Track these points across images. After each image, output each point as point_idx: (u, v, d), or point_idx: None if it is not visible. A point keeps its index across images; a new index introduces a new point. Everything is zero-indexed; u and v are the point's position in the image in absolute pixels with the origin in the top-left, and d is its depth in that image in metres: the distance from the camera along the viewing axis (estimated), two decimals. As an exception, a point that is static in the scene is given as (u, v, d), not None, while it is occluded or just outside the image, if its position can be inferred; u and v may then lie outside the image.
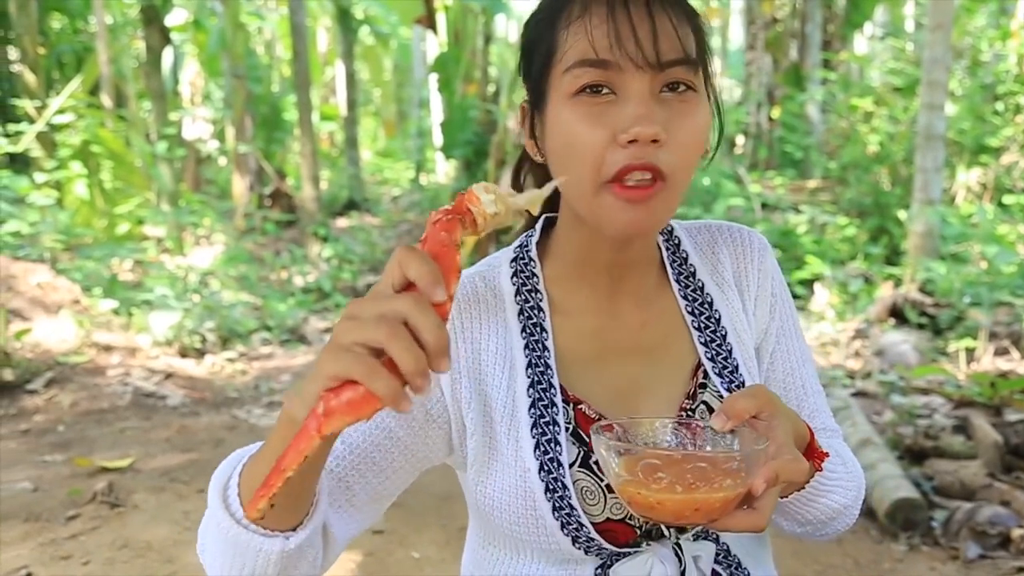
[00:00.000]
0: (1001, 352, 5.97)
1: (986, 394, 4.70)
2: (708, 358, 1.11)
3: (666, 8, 0.96)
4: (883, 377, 5.60)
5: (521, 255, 1.15)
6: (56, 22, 13.95)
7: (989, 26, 10.62)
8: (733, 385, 1.10)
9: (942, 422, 4.54)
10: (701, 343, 1.12)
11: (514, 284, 1.12)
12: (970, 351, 5.98)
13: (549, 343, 1.08)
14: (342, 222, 13.24)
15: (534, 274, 1.13)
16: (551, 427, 1.03)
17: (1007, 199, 8.77)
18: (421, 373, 0.68)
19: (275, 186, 12.89)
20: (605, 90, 0.96)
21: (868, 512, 3.58)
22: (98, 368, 5.84)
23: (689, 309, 1.14)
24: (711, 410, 1.08)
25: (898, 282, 7.64)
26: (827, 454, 1.01)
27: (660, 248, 1.17)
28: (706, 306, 1.14)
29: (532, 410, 1.04)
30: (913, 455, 4.12)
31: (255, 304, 8.33)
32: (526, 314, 1.10)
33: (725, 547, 1.08)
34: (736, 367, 1.12)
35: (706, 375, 1.11)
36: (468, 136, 10.70)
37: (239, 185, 12.32)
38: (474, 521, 1.18)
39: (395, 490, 1.08)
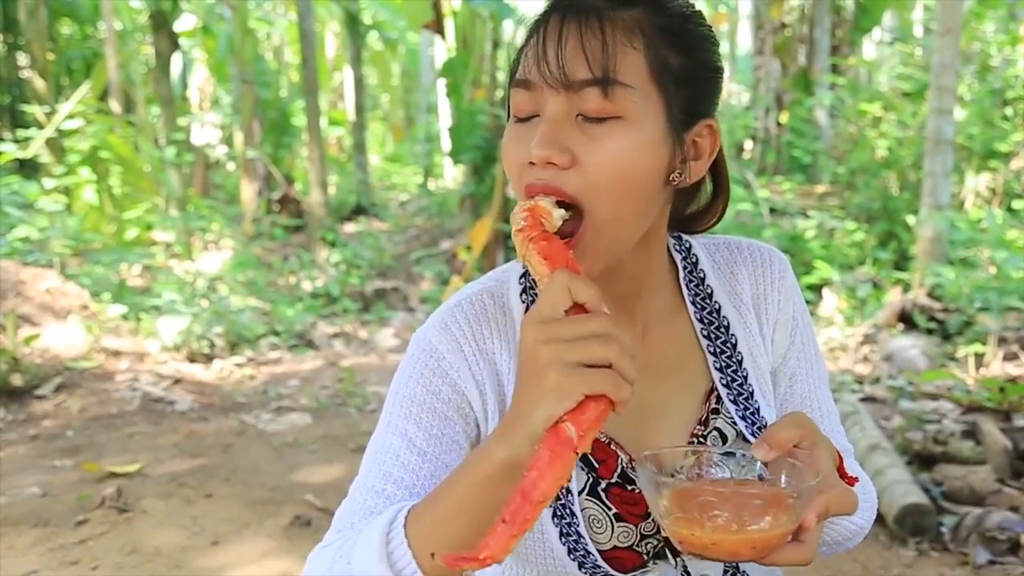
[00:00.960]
0: (1010, 357, 5.95)
1: (995, 399, 4.68)
2: (723, 384, 1.09)
3: (590, 23, 0.92)
4: (892, 382, 5.58)
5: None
6: (65, 28, 14.04)
7: (998, 31, 10.58)
8: (747, 412, 1.08)
9: (951, 427, 4.53)
10: (716, 368, 1.10)
11: (523, 302, 1.09)
12: (979, 356, 5.96)
13: None
14: (350, 227, 13.25)
15: None
16: None
17: (1016, 204, 8.74)
18: (634, 382, 0.76)
19: (283, 191, 12.91)
20: (533, 115, 0.95)
21: (877, 517, 3.56)
22: (107, 373, 5.85)
23: (704, 332, 1.11)
24: (723, 437, 1.07)
25: (907, 287, 7.62)
26: (856, 479, 0.99)
27: (677, 266, 1.14)
28: (722, 330, 1.12)
29: None
30: (922, 460, 4.10)
31: (263, 309, 8.34)
32: None
33: (734, 563, 1.06)
34: (751, 393, 1.10)
35: (719, 400, 1.09)
36: (476, 141, 10.68)
37: (247, 190, 12.36)
38: None
39: None
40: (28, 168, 10.20)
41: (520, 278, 1.11)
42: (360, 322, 8.94)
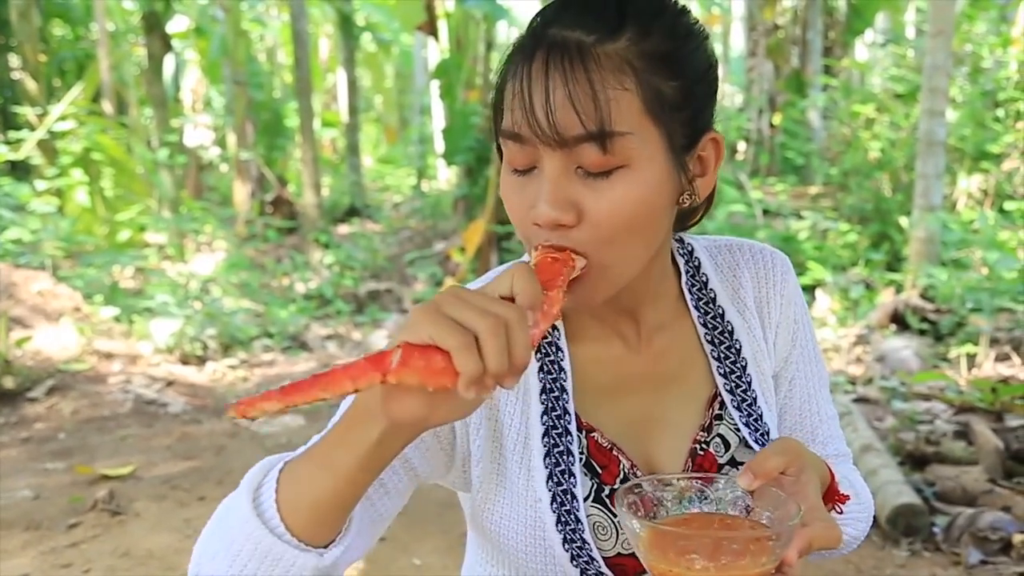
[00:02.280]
0: (1002, 358, 5.96)
1: (987, 400, 4.69)
2: (727, 390, 1.08)
3: (575, 70, 0.86)
4: (884, 383, 5.59)
5: None
6: (58, 29, 13.99)
7: (990, 33, 10.62)
8: (751, 419, 1.07)
9: (943, 428, 4.54)
10: (720, 373, 1.09)
11: None
12: (971, 357, 5.97)
13: (565, 364, 1.05)
14: (343, 229, 13.24)
15: None
16: (565, 457, 1.01)
17: (1008, 205, 8.76)
18: (498, 376, 0.70)
19: (276, 193, 12.89)
20: (531, 167, 0.91)
21: (870, 519, 3.58)
22: (99, 376, 5.84)
23: (708, 337, 1.10)
24: (726, 444, 1.06)
25: (899, 288, 7.63)
26: (848, 497, 0.98)
27: (680, 270, 1.12)
28: (726, 335, 1.10)
29: (545, 438, 1.02)
30: (914, 461, 4.12)
31: (256, 311, 8.33)
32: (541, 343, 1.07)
33: None
34: (755, 399, 1.09)
35: (722, 406, 1.08)
36: (470, 143, 10.69)
37: (240, 192, 12.33)
38: (475, 538, 1.15)
39: (395, 512, 1.03)
40: (20, 170, 10.16)
41: None
42: (354, 324, 8.93)
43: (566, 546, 0.98)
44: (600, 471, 1.02)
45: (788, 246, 8.79)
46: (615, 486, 1.01)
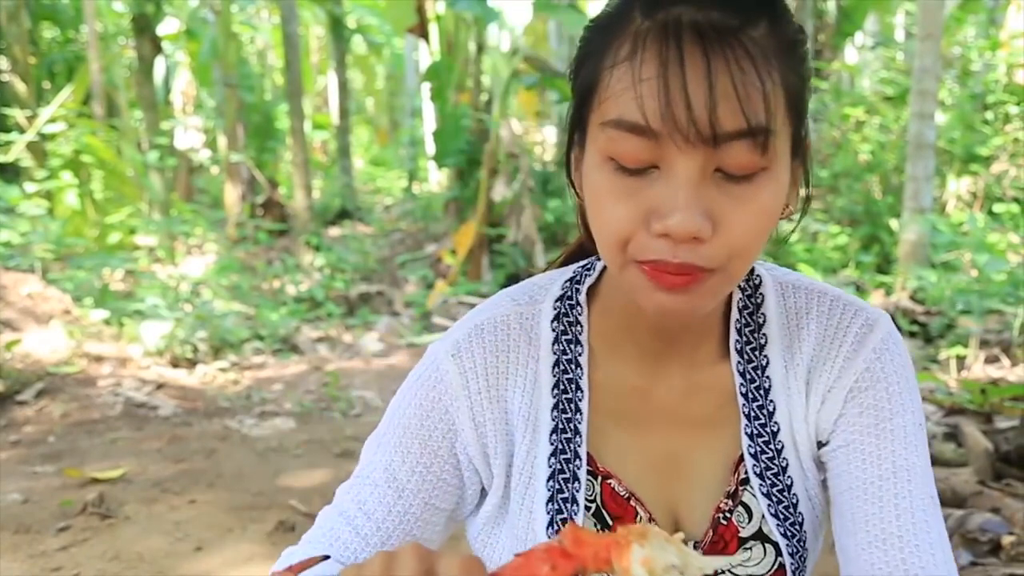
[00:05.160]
0: (992, 360, 5.98)
1: (977, 401, 4.71)
2: (751, 453, 0.95)
3: (737, 56, 0.75)
4: (875, 385, 5.60)
5: (570, 294, 1.01)
6: (47, 31, 13.94)
7: (979, 36, 10.67)
8: (774, 489, 0.95)
9: (933, 429, 4.55)
10: (747, 434, 0.96)
11: (554, 330, 0.98)
12: (961, 359, 5.99)
13: (583, 404, 0.96)
14: (334, 231, 13.23)
15: (579, 322, 0.99)
16: (569, 505, 0.94)
17: (997, 207, 8.80)
18: None
19: (267, 195, 12.88)
20: (647, 167, 0.78)
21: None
22: (89, 378, 5.82)
23: (743, 390, 0.96)
24: (749, 514, 0.95)
25: (889, 290, 7.66)
26: None
27: (733, 306, 0.98)
28: (762, 392, 0.96)
29: (551, 482, 0.95)
30: (905, 463, 4.12)
31: (247, 313, 8.31)
32: (562, 367, 0.97)
33: None
34: (784, 468, 0.96)
35: (747, 471, 0.96)
36: (461, 145, 10.70)
37: (231, 194, 12.31)
38: None
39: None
40: (9, 172, 10.12)
41: (556, 301, 1.00)
42: (345, 326, 8.92)
43: None
44: (611, 522, 0.95)
45: (778, 248, 8.82)
46: None
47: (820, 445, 0.97)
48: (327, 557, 0.87)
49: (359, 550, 0.97)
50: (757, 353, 0.97)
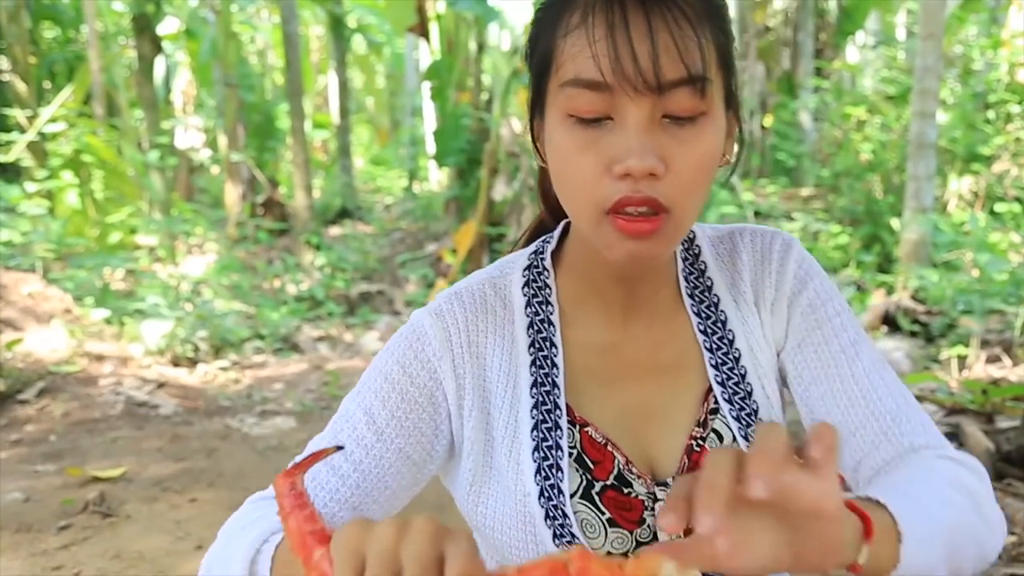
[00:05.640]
0: (993, 359, 5.97)
1: (978, 401, 4.70)
2: (718, 382, 1.04)
3: (675, 15, 0.87)
4: (876, 384, 5.59)
5: (535, 263, 1.10)
6: (48, 31, 13.94)
7: (980, 35, 10.67)
8: (743, 413, 1.03)
9: (935, 429, 4.54)
10: (712, 365, 1.05)
11: (525, 295, 1.08)
12: (962, 358, 5.99)
13: (558, 359, 1.04)
14: (335, 230, 13.23)
15: (547, 285, 1.08)
16: (554, 452, 1.00)
17: (999, 207, 8.80)
18: None
19: (268, 195, 12.87)
20: (601, 119, 0.89)
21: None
22: (90, 378, 5.82)
23: (702, 328, 1.07)
24: (720, 438, 1.02)
25: (890, 290, 7.65)
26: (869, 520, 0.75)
27: (677, 260, 1.10)
28: (719, 325, 1.07)
29: (535, 432, 1.01)
30: (906, 462, 4.12)
31: (248, 313, 8.31)
32: (535, 327, 1.06)
33: None
34: (750, 392, 1.04)
35: (717, 400, 1.04)
36: (461, 144, 10.70)
37: (231, 194, 12.31)
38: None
39: (400, 508, 1.05)
40: (10, 172, 10.12)
41: (524, 270, 1.10)
42: (345, 325, 8.92)
43: (556, 541, 0.97)
44: (592, 466, 1.00)
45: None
46: (608, 482, 1.00)
47: (779, 356, 1.09)
48: (340, 448, 0.92)
49: (336, 489, 1.00)
50: (707, 294, 1.09)
